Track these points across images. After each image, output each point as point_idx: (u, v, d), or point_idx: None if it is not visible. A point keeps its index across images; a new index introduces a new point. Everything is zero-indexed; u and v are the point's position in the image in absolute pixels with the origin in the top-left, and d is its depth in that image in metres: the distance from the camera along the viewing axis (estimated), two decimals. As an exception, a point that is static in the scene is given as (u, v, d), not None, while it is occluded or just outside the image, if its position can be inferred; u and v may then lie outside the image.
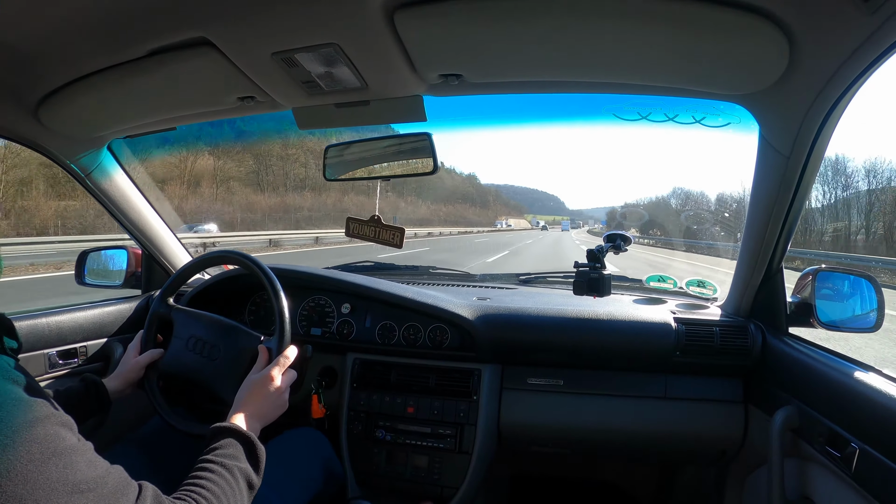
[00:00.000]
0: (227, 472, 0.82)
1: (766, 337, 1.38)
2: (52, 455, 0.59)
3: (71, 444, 0.62)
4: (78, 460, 0.62)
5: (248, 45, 0.92)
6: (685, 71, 0.95)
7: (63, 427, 0.63)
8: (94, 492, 0.61)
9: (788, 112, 0.98)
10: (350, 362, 1.61)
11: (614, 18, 0.81)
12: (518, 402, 1.52)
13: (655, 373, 1.48)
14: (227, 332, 1.23)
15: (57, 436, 0.61)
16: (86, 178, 1.53)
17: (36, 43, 0.94)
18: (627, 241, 1.50)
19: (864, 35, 0.75)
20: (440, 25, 0.85)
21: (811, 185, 1.14)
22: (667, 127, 1.25)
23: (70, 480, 0.59)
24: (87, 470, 0.62)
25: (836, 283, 1.30)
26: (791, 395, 1.20)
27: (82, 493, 0.60)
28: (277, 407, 1.06)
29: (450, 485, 1.48)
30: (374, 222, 1.38)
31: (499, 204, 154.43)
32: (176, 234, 1.83)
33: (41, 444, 0.58)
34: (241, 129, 34.49)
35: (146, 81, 1.07)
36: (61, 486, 0.58)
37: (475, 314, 1.53)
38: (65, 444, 0.61)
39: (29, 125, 1.28)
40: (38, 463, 0.57)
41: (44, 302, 3.62)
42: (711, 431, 1.45)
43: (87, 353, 1.54)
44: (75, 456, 0.62)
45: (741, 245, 1.35)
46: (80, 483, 0.60)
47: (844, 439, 0.97)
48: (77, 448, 0.63)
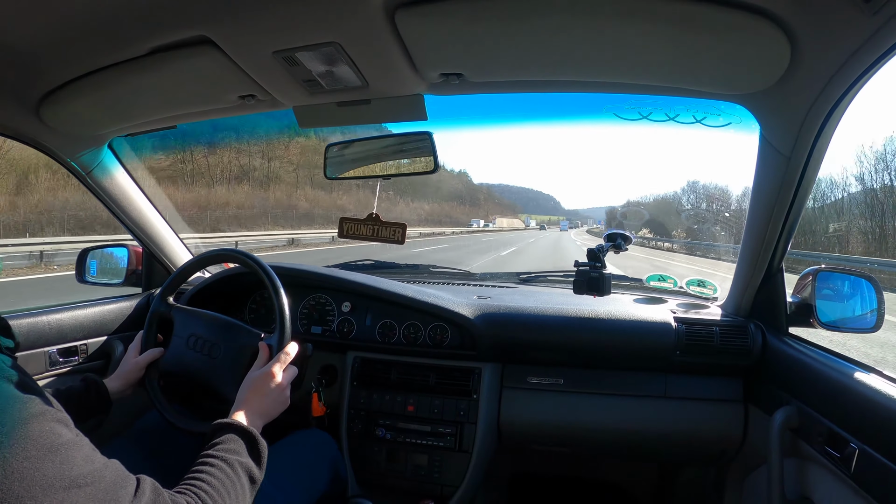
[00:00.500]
0: (227, 467, 0.82)
1: (766, 337, 1.38)
2: (47, 451, 0.59)
3: (67, 440, 0.62)
4: (75, 455, 0.62)
5: (249, 43, 0.92)
6: (686, 71, 0.95)
7: (59, 423, 0.63)
8: (92, 486, 0.61)
9: (789, 112, 0.98)
10: (350, 361, 1.62)
11: (615, 18, 0.81)
12: (518, 401, 1.52)
13: (655, 372, 1.48)
14: (227, 330, 1.23)
15: (52, 432, 0.61)
16: (86, 176, 1.54)
17: (37, 41, 0.94)
18: (628, 240, 1.50)
19: (866, 35, 0.75)
20: (441, 24, 0.85)
21: (812, 186, 1.14)
22: (667, 127, 1.25)
23: (67, 476, 0.59)
24: (84, 465, 0.62)
25: (836, 283, 1.30)
26: (791, 394, 1.20)
27: (80, 487, 0.60)
28: (279, 403, 1.05)
29: (450, 483, 1.48)
30: (372, 220, 1.37)
31: (491, 202, 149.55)
32: (176, 232, 1.83)
33: (37, 441, 0.58)
34: (239, 128, 34.07)
35: (147, 80, 1.07)
36: (58, 482, 0.58)
37: (475, 313, 1.53)
38: (61, 440, 0.62)
39: (30, 123, 1.28)
40: (35, 460, 0.57)
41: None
42: (711, 431, 1.45)
43: (87, 351, 1.54)
44: (72, 451, 0.62)
45: (741, 245, 1.35)
46: (78, 478, 0.60)
47: (844, 439, 0.97)
48: (74, 443, 0.63)
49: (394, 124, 1.25)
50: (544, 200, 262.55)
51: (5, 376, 0.62)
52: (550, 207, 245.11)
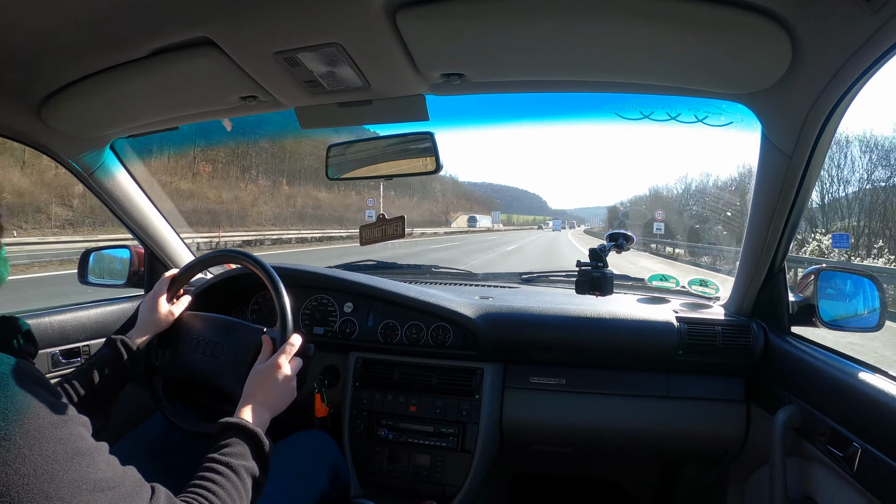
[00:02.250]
0: (233, 473, 0.82)
1: (768, 336, 1.37)
2: (75, 454, 0.60)
3: (91, 444, 0.64)
4: (99, 459, 0.63)
5: (251, 44, 0.92)
6: (687, 70, 0.95)
7: (83, 427, 0.65)
8: (114, 490, 0.63)
9: (791, 111, 0.98)
10: (352, 361, 1.62)
11: (617, 18, 0.81)
12: (520, 401, 1.52)
13: (658, 372, 1.48)
14: (229, 329, 1.23)
15: (79, 436, 0.63)
16: (88, 177, 1.54)
17: (39, 42, 0.94)
18: (630, 240, 1.50)
19: (867, 34, 0.75)
20: (442, 25, 0.85)
21: (813, 184, 1.14)
22: (669, 126, 1.25)
23: (92, 479, 0.61)
24: (107, 469, 0.64)
25: (838, 282, 1.30)
26: (793, 394, 1.20)
27: (103, 490, 0.61)
28: (286, 395, 1.04)
29: (452, 484, 1.48)
30: (381, 221, 1.38)
31: (453, 196, 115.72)
32: (178, 232, 1.83)
33: (65, 444, 0.60)
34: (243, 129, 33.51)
35: (149, 81, 1.07)
36: (84, 485, 0.60)
37: (477, 313, 1.53)
38: (86, 444, 0.63)
39: (31, 124, 1.28)
40: (63, 462, 0.59)
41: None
42: (713, 430, 1.45)
43: (90, 353, 1.54)
44: (96, 455, 0.63)
45: (743, 244, 1.34)
46: (101, 481, 0.62)
47: (847, 439, 0.97)
48: (96, 448, 0.65)
49: (395, 125, 1.25)
50: (529, 199, 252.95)
51: (33, 381, 0.63)
52: (536, 207, 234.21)
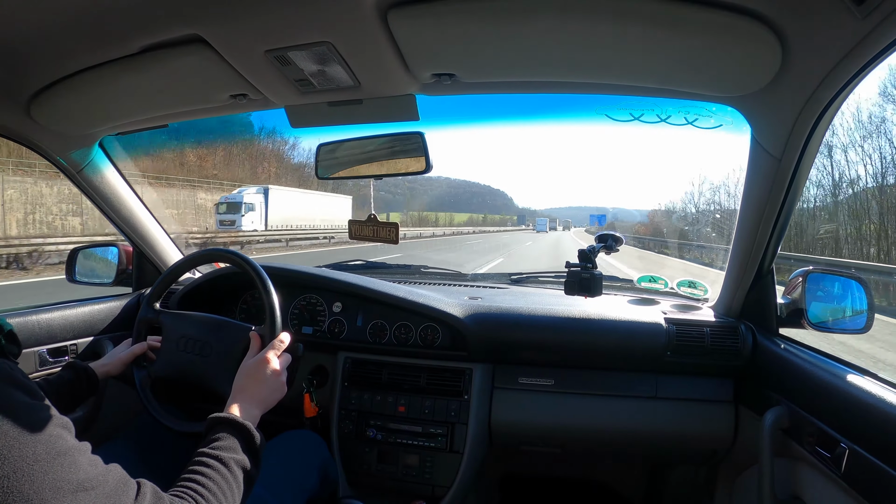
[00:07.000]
0: (223, 467, 0.82)
1: (756, 338, 1.38)
2: (56, 455, 0.60)
3: (73, 445, 0.64)
4: (80, 459, 0.63)
5: (241, 42, 0.92)
6: (677, 73, 0.96)
7: (64, 428, 0.65)
8: (97, 489, 0.62)
9: (780, 114, 0.99)
10: (341, 361, 1.61)
11: (607, 20, 0.81)
12: (509, 402, 1.52)
13: (646, 373, 1.49)
14: (216, 328, 1.22)
15: (60, 437, 0.63)
16: (76, 174, 1.52)
17: (28, 39, 0.93)
18: (619, 241, 1.50)
19: (857, 38, 0.75)
20: (433, 25, 0.85)
21: (802, 187, 1.15)
22: (659, 127, 1.26)
23: (74, 479, 0.60)
24: (90, 468, 0.64)
25: (826, 284, 1.30)
26: (781, 395, 1.21)
27: (86, 490, 0.61)
28: (275, 390, 1.03)
29: (441, 484, 1.47)
30: (371, 222, 1.37)
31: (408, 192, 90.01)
32: (167, 231, 1.81)
33: (46, 445, 0.60)
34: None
35: (138, 78, 1.06)
36: (66, 485, 0.59)
37: (466, 313, 1.53)
38: (68, 444, 0.63)
39: (20, 121, 1.27)
40: (44, 463, 0.58)
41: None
42: (702, 431, 1.46)
43: (77, 351, 1.53)
44: (78, 456, 0.63)
45: (732, 245, 1.35)
46: (84, 481, 0.61)
47: (834, 440, 0.98)
48: (78, 448, 0.65)
49: (385, 124, 1.25)
50: (493, 197, 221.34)
51: (13, 382, 0.63)
52: (500, 206, 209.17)
